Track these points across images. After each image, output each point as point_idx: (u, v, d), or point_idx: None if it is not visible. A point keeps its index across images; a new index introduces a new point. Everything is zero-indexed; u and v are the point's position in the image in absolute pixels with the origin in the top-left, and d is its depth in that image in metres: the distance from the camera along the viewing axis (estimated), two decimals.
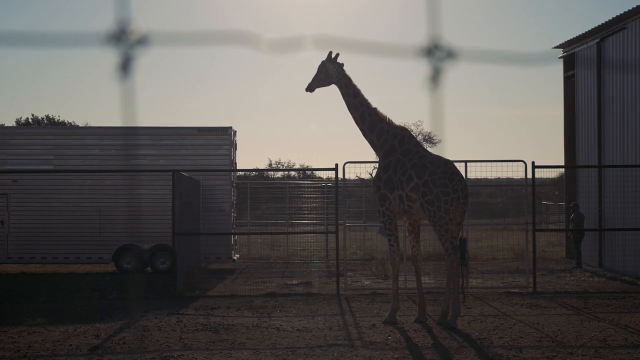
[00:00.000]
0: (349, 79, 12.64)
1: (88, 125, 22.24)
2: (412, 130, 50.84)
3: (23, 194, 20.66)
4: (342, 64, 12.73)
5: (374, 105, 12.62)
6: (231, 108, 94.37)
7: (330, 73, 12.73)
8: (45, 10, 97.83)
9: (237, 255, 22.07)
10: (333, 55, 12.70)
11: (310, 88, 12.92)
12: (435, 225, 11.54)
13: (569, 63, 23.57)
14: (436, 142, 51.31)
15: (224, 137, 20.81)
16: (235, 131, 21.36)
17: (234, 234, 19.39)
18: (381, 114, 12.54)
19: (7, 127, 21.98)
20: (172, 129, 21.19)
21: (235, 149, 21.49)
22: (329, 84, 12.79)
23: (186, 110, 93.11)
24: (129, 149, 21.04)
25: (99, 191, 20.42)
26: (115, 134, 21.12)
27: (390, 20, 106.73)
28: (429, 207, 11.51)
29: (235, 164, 21.50)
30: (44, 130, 21.54)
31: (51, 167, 20.47)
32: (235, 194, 21.85)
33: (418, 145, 12.41)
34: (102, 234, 20.21)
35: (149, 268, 20.64)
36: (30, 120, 61.32)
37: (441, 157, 12.02)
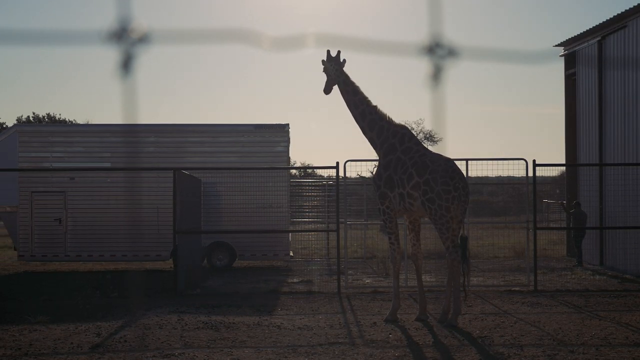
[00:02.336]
0: (346, 77, 12.62)
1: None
2: (413, 129, 50.86)
3: (80, 192, 20.65)
4: (344, 61, 12.70)
5: (374, 103, 12.62)
6: (231, 106, 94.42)
7: (328, 72, 12.74)
8: (46, 8, 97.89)
9: (292, 253, 22.12)
10: (334, 54, 12.70)
11: (325, 90, 12.90)
12: (436, 223, 11.54)
13: (570, 61, 23.55)
14: (437, 140, 51.27)
15: (281, 134, 20.82)
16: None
17: (233, 232, 19.27)
18: (381, 112, 12.52)
19: (66, 124, 21.98)
20: (229, 126, 21.24)
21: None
22: (335, 83, 12.78)
23: (186, 108, 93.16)
24: (184, 146, 21.04)
25: (156, 188, 20.23)
26: (172, 131, 21.14)
27: (391, 18, 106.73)
28: (429, 205, 11.51)
29: (289, 160, 21.48)
30: (102, 127, 21.47)
31: (108, 165, 20.50)
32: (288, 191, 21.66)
33: (418, 143, 12.41)
34: (161, 231, 20.08)
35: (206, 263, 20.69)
36: (31, 119, 61.36)
37: (442, 155, 12.03)
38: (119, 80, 2.87)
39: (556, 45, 23.76)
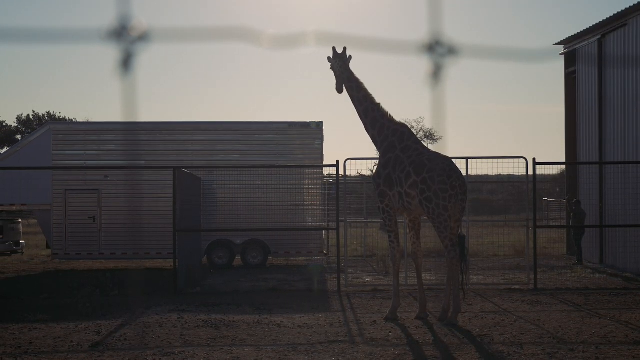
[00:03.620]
0: (351, 73, 12.63)
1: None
2: (413, 127, 50.83)
3: (114, 190, 20.64)
4: (350, 58, 12.70)
5: (377, 100, 12.62)
6: (231, 104, 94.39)
7: (333, 68, 12.75)
8: (45, 6, 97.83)
9: (326, 251, 22.13)
10: (340, 50, 12.70)
11: (337, 89, 12.89)
12: (434, 222, 11.54)
13: (570, 60, 23.55)
14: (437, 139, 51.27)
15: (316, 131, 20.83)
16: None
17: (231, 230, 19.22)
18: (383, 109, 12.53)
19: (100, 122, 21.91)
20: (263, 124, 21.29)
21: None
22: (341, 80, 12.78)
23: (186, 106, 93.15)
24: (218, 144, 21.05)
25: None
26: (207, 129, 21.15)
27: (391, 16, 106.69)
28: (427, 204, 11.51)
29: (323, 157, 21.50)
30: (136, 125, 21.46)
31: (143, 163, 20.47)
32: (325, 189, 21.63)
33: (417, 142, 12.41)
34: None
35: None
36: (31, 117, 61.33)
37: (440, 154, 12.02)
38: (119, 79, 2.87)
39: (556, 44, 23.75)
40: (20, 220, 22.32)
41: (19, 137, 61.77)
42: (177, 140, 21.00)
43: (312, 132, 20.79)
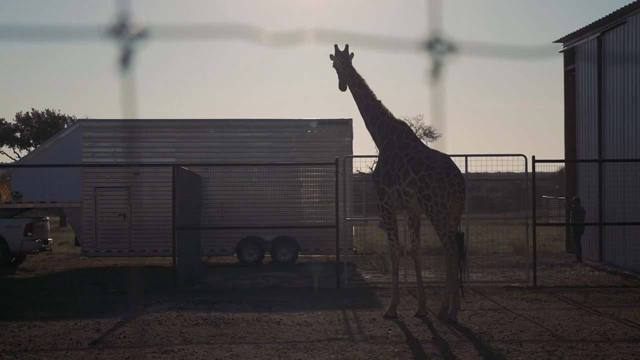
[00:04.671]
0: (353, 70, 12.63)
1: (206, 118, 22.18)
2: (413, 125, 50.83)
3: (144, 187, 20.61)
4: (352, 55, 12.69)
5: (378, 98, 12.62)
6: (231, 103, 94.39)
7: (336, 66, 12.75)
8: (45, 3, 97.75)
9: (355, 248, 22.11)
10: (342, 48, 12.69)
11: (340, 86, 12.88)
12: (432, 220, 11.54)
13: (570, 57, 23.55)
14: (437, 136, 51.29)
15: (345, 129, 20.88)
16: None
17: (229, 227, 19.20)
18: (384, 107, 12.53)
19: (130, 120, 21.83)
20: (294, 121, 21.32)
21: None
22: (343, 77, 12.77)
23: (186, 104, 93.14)
24: (249, 141, 21.08)
25: (220, 184, 20.25)
26: (237, 126, 21.18)
27: (391, 13, 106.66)
28: (426, 202, 11.50)
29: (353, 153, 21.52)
30: (167, 122, 21.45)
31: (173, 160, 20.46)
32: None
33: (416, 139, 12.40)
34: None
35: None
36: (30, 115, 61.28)
37: (438, 151, 12.01)
38: (118, 76, 2.87)
39: (556, 41, 23.74)
40: (47, 218, 22.34)
41: (17, 134, 61.78)
42: (206, 138, 21.07)
43: (343, 128, 20.87)
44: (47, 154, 20.64)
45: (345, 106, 51.41)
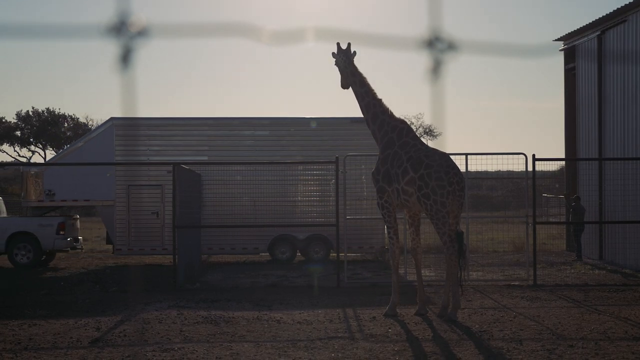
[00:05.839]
0: (354, 68, 12.63)
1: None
2: (413, 123, 50.82)
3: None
4: (354, 53, 12.68)
5: (379, 96, 12.62)
6: (230, 101, 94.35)
7: (338, 64, 12.74)
8: (45, 2, 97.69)
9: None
10: (344, 46, 12.69)
11: (342, 84, 12.88)
12: (432, 218, 11.53)
13: (570, 55, 23.53)
14: (437, 135, 51.30)
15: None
16: None
17: (228, 226, 19.14)
18: (385, 105, 12.53)
19: (164, 118, 21.80)
20: (327, 119, 21.33)
21: None
22: (345, 75, 12.77)
23: (185, 103, 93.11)
24: (281, 139, 21.12)
25: (253, 182, 20.18)
26: (270, 125, 21.23)
27: (391, 12, 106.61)
28: (425, 200, 11.50)
29: None
30: (199, 121, 21.43)
31: (206, 159, 20.43)
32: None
33: (416, 138, 12.39)
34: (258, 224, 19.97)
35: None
36: (30, 113, 61.23)
37: (437, 150, 12.01)
38: (118, 74, 2.87)
39: (556, 40, 23.73)
40: (78, 216, 22.31)
41: (18, 133, 61.70)
42: (238, 136, 21.09)
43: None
44: (80, 152, 20.62)
45: (346, 103, 51.39)
